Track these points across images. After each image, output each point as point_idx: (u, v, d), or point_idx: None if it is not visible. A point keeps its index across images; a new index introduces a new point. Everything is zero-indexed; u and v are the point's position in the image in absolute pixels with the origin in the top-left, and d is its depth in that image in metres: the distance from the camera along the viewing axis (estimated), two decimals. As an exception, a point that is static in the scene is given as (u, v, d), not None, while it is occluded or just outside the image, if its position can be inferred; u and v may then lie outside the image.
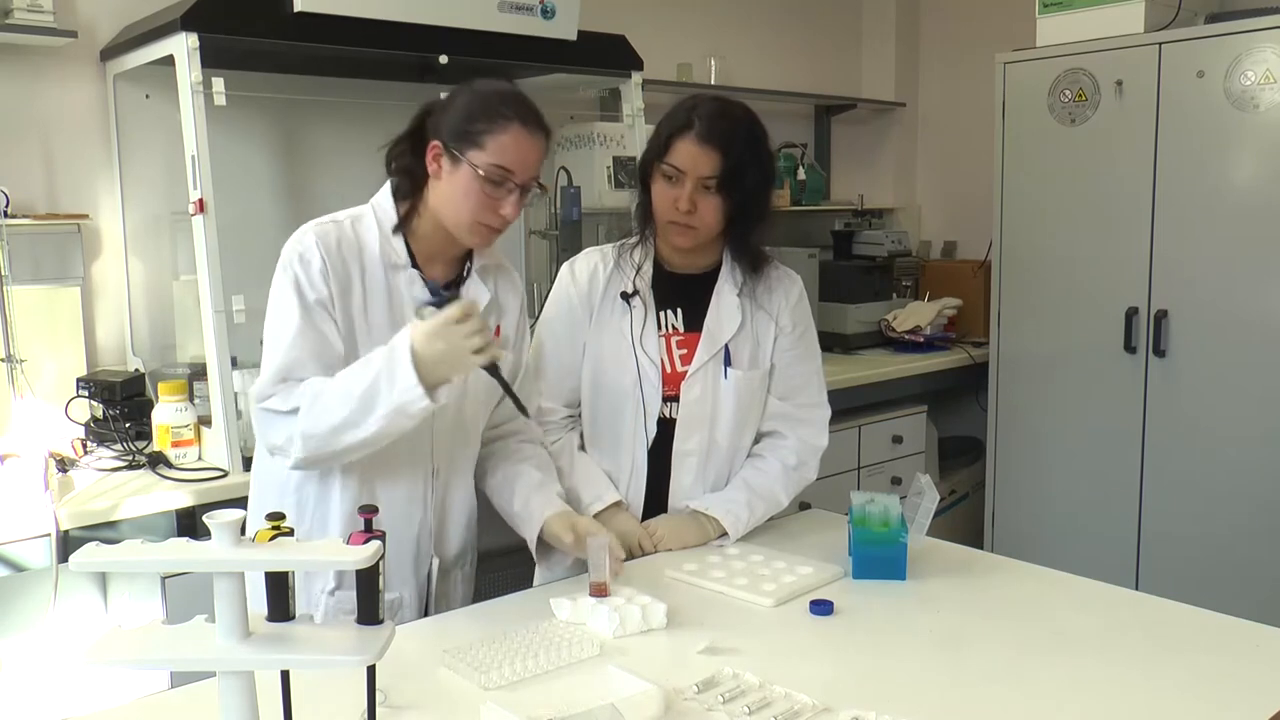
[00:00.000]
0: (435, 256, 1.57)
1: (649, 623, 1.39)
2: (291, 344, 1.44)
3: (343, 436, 1.40)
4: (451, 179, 1.49)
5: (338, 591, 1.55)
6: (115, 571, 2.16)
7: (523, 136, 1.48)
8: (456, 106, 1.50)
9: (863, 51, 4.26)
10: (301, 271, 1.47)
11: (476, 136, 1.46)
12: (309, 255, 1.48)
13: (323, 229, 1.52)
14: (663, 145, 1.65)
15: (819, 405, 1.84)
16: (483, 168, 1.46)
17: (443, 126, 1.49)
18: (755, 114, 1.70)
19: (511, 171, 1.48)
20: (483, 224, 1.50)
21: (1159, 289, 3.01)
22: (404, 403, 1.37)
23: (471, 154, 1.46)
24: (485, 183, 1.46)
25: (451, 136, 1.48)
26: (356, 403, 1.38)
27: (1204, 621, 1.43)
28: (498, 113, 1.47)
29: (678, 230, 1.67)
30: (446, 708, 1.18)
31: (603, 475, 1.75)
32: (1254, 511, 2.87)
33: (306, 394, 1.41)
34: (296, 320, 1.45)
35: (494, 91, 1.51)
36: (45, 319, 2.33)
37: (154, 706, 1.23)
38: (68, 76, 2.43)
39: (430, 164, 1.50)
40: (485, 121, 1.46)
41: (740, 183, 1.64)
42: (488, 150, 1.46)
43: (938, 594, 1.53)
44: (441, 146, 1.49)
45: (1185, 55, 2.91)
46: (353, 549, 0.94)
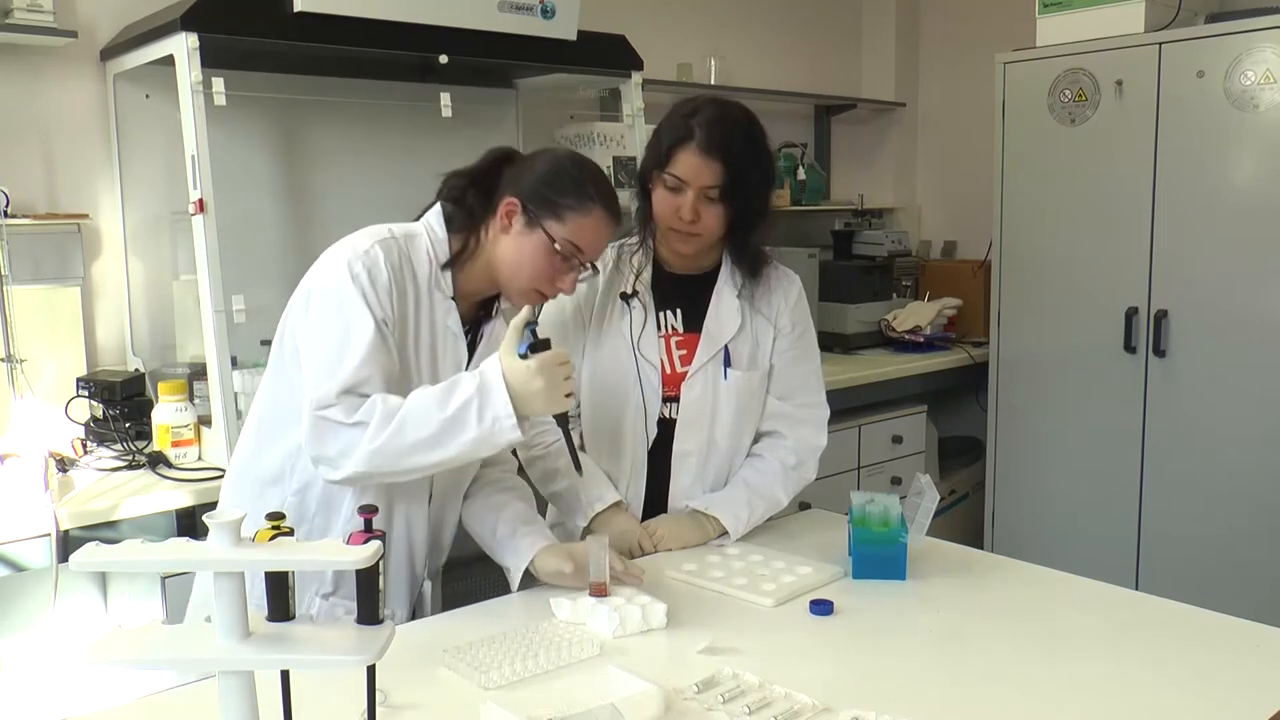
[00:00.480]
0: (472, 294, 1.57)
1: (649, 623, 1.39)
2: (365, 359, 1.40)
3: (415, 457, 1.39)
4: (520, 240, 1.49)
5: (332, 596, 1.54)
6: (115, 571, 2.16)
7: (603, 221, 1.51)
8: (542, 172, 1.50)
9: (863, 51, 4.26)
10: (370, 287, 1.44)
11: (559, 209, 1.48)
12: (377, 272, 1.45)
13: (386, 245, 1.48)
14: (664, 155, 1.64)
15: (818, 405, 1.85)
16: (559, 241, 1.48)
17: (524, 186, 1.49)
18: (754, 116, 1.70)
19: (583, 252, 1.50)
20: (536, 291, 1.51)
21: (1159, 289, 3.01)
22: (494, 431, 1.38)
23: (550, 223, 1.47)
24: (555, 255, 1.48)
25: (532, 200, 1.48)
26: (440, 426, 1.37)
27: (1204, 621, 1.43)
28: (585, 192, 1.49)
29: (680, 238, 1.68)
30: (446, 707, 1.18)
31: (603, 475, 1.75)
32: (1254, 511, 2.87)
33: (377, 411, 1.38)
34: (371, 335, 1.41)
35: (584, 167, 1.53)
36: (45, 319, 2.33)
37: (154, 706, 1.23)
38: (68, 76, 2.43)
39: (501, 217, 1.50)
40: (572, 197, 1.48)
41: (742, 190, 1.64)
42: (567, 225, 1.48)
43: (938, 594, 1.53)
44: (519, 206, 1.49)
45: (1185, 55, 2.91)
46: (353, 549, 0.94)
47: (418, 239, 1.53)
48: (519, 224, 1.49)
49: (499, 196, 1.51)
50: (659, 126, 1.70)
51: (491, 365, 1.41)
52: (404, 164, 2.80)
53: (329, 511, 1.51)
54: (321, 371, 1.41)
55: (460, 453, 1.40)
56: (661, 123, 1.69)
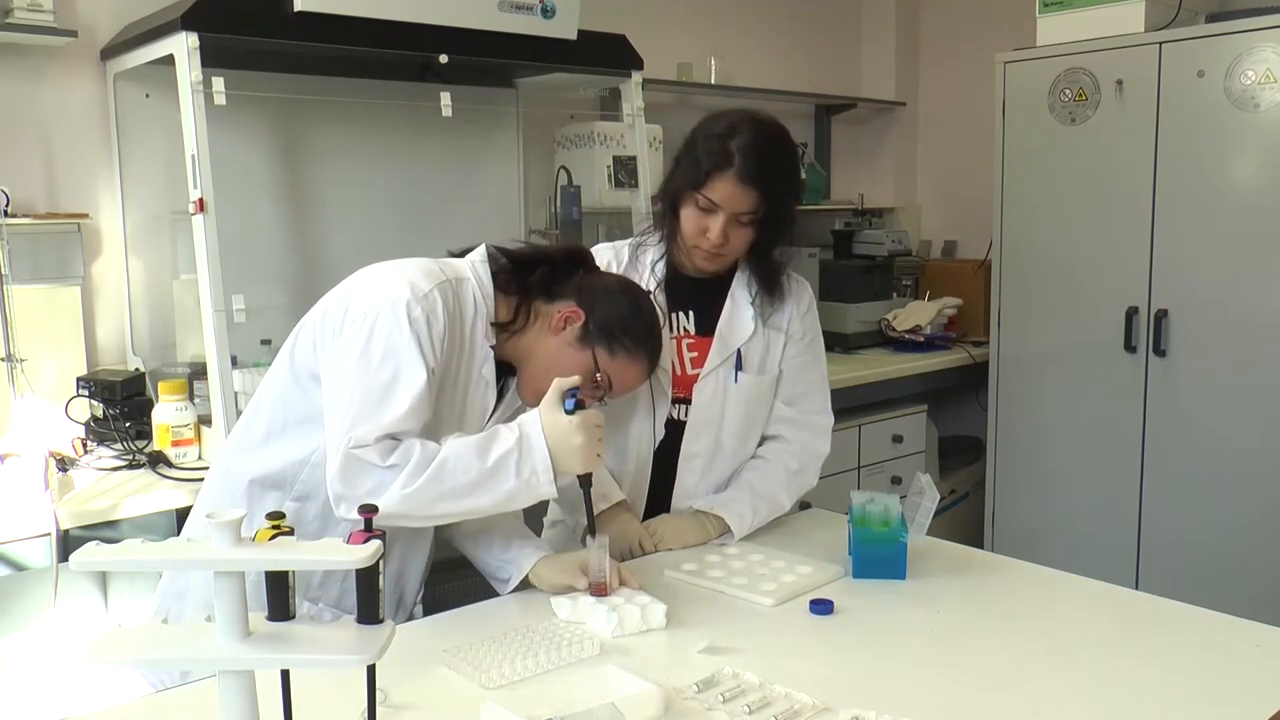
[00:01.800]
0: (499, 354, 1.54)
1: (648, 623, 1.39)
2: (413, 408, 1.38)
3: (447, 504, 1.38)
4: (566, 350, 1.50)
5: (320, 602, 1.53)
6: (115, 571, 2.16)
7: (644, 372, 1.55)
8: (618, 303, 1.52)
9: (863, 51, 4.25)
10: (427, 334, 1.41)
11: (616, 344, 1.50)
12: (435, 320, 1.41)
13: (444, 290, 1.45)
14: (701, 178, 1.61)
15: (823, 412, 1.85)
16: (601, 370, 1.50)
17: (596, 305, 1.51)
18: (790, 140, 1.68)
19: (612, 389, 1.53)
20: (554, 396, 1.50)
21: (1159, 288, 3.01)
22: (531, 484, 1.39)
23: (600, 352, 1.50)
24: (591, 381, 1.49)
25: (597, 322, 1.50)
26: (477, 476, 1.37)
27: (1204, 621, 1.42)
28: (645, 341, 1.52)
29: (705, 256, 1.67)
30: (447, 707, 1.17)
31: (607, 474, 1.74)
32: (1254, 511, 2.87)
33: (414, 456, 1.36)
34: (421, 386, 1.38)
35: (652, 315, 1.56)
36: (45, 318, 2.33)
37: (154, 706, 1.23)
38: (68, 76, 2.43)
39: (559, 319, 1.51)
40: (634, 340, 1.50)
41: (775, 216, 1.63)
42: (615, 362, 1.50)
43: (938, 593, 1.53)
44: (582, 319, 1.50)
45: (1185, 55, 2.91)
46: (353, 548, 0.93)
47: (466, 284, 1.50)
48: (572, 334, 1.50)
49: (561, 293, 1.52)
50: (693, 140, 1.65)
51: (532, 420, 1.41)
52: (404, 163, 2.81)
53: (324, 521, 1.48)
54: (362, 411, 1.37)
55: (495, 503, 1.40)
56: (696, 137, 1.65)
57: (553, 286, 1.53)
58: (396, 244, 2.42)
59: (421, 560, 1.61)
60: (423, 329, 1.40)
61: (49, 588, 1.91)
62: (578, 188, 2.90)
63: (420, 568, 1.62)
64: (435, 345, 1.41)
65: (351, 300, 1.44)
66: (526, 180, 3.08)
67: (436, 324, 1.42)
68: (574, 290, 1.52)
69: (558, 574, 1.50)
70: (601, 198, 2.97)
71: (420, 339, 1.39)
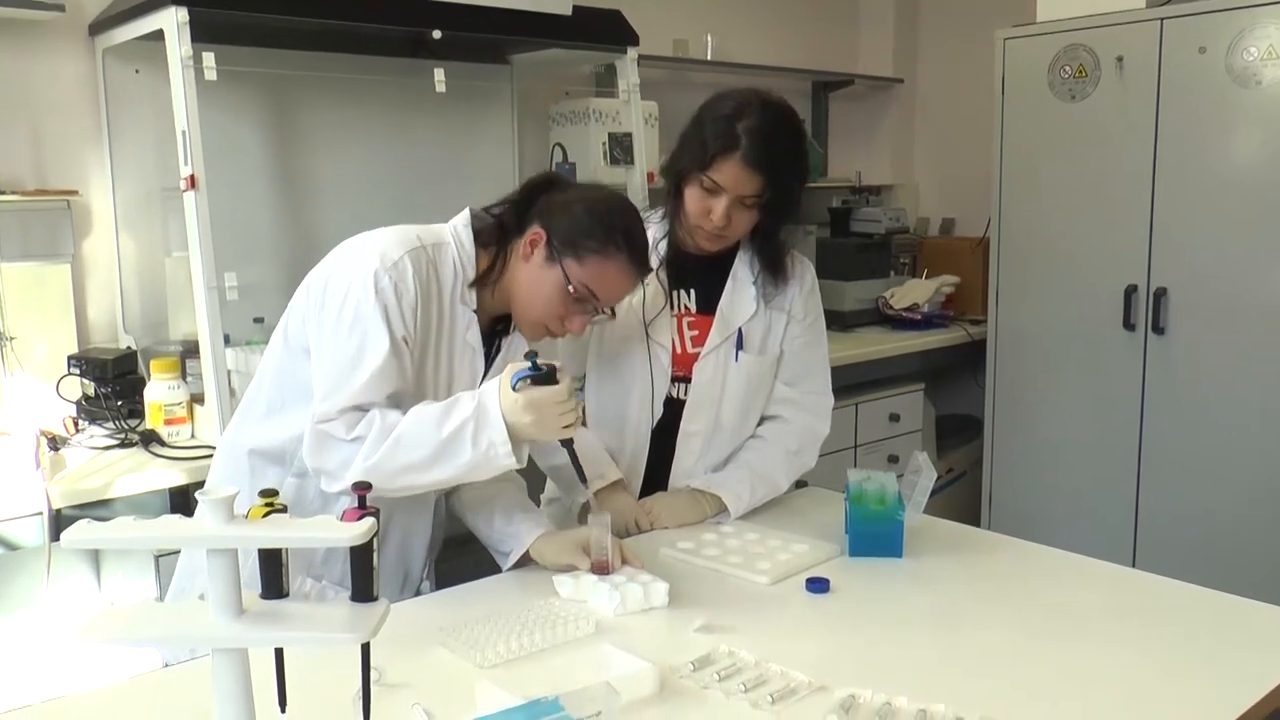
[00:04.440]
0: (492, 310, 1.53)
1: (650, 601, 1.39)
2: (374, 378, 1.37)
3: (410, 477, 1.37)
4: (538, 273, 1.45)
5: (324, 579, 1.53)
6: (107, 549, 2.15)
7: (624, 272, 1.46)
8: (577, 211, 1.45)
9: (860, 27, 4.22)
10: (394, 302, 1.40)
11: (581, 251, 1.43)
12: (404, 287, 1.40)
13: (415, 256, 1.43)
14: (707, 160, 1.59)
15: (823, 393, 1.84)
16: (574, 283, 1.43)
17: (554, 220, 1.45)
18: (799, 122, 1.65)
19: (598, 298, 1.45)
20: (545, 326, 1.47)
21: (1158, 266, 2.99)
22: (489, 457, 1.36)
23: (569, 264, 1.43)
24: (569, 296, 1.44)
25: (558, 234, 1.44)
26: (436, 449, 1.35)
27: (1201, 599, 1.42)
28: (612, 239, 1.43)
29: (707, 237, 1.65)
30: (442, 685, 1.17)
31: (604, 453, 1.74)
32: (1252, 490, 2.87)
33: (375, 427, 1.36)
34: (384, 355, 1.38)
35: (617, 213, 1.47)
36: (35, 296, 2.31)
37: (147, 685, 1.23)
38: (56, 51, 2.40)
39: (526, 244, 1.46)
40: (597, 241, 1.43)
41: (780, 200, 1.61)
42: (586, 269, 1.43)
43: (934, 572, 1.53)
44: (544, 238, 1.45)
45: (1187, 30, 2.88)
46: (347, 525, 0.93)
47: (445, 248, 1.48)
48: (540, 256, 1.45)
49: (529, 221, 1.48)
50: (700, 120, 1.63)
51: (490, 390, 1.38)
52: (397, 140, 2.79)
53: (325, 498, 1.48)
54: (329, 384, 1.38)
55: (456, 475, 1.38)
56: (703, 116, 1.62)
57: (522, 222, 1.49)
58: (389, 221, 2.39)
59: (425, 533, 1.60)
60: (390, 298, 1.39)
61: (41, 567, 1.91)
62: (573, 165, 2.89)
63: (424, 541, 1.61)
64: (405, 313, 1.40)
65: (330, 273, 1.44)
66: (521, 157, 3.07)
67: (407, 292, 1.40)
68: (538, 214, 1.48)
69: (558, 552, 1.50)
70: (597, 175, 2.95)
71: (388, 308, 1.39)
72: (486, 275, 1.50)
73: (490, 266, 1.50)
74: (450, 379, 1.50)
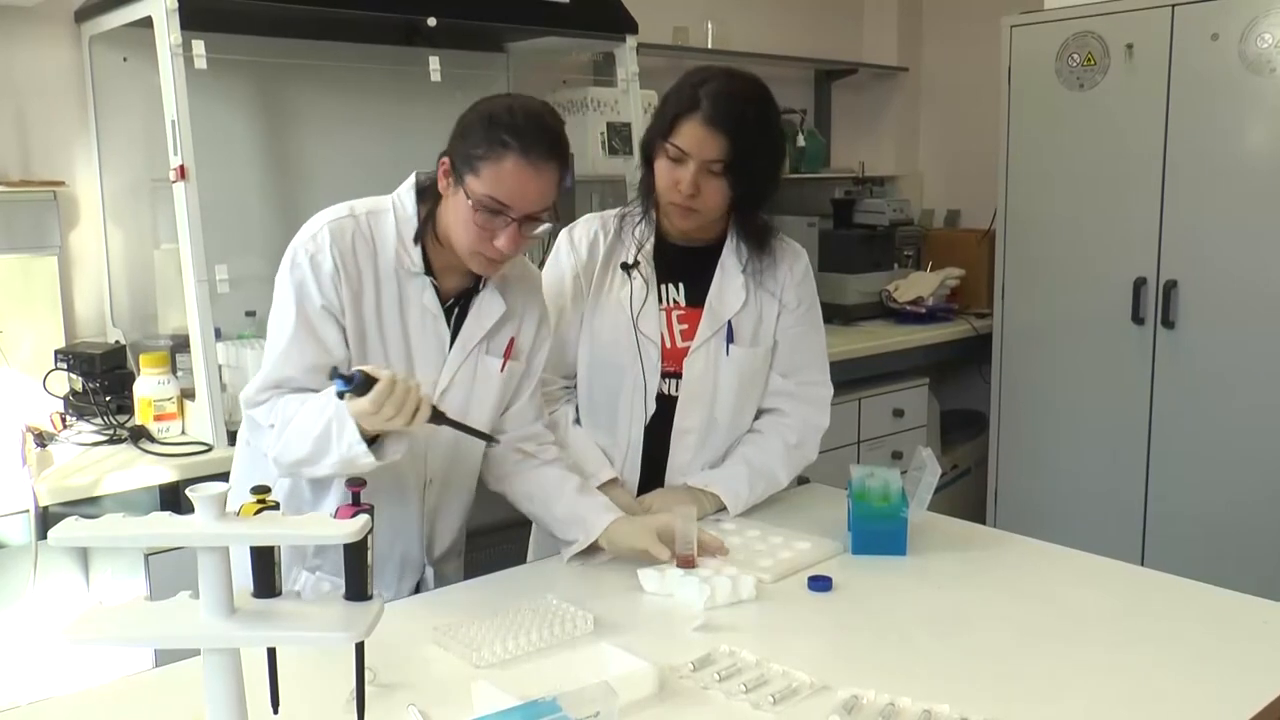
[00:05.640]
0: (452, 268, 1.49)
1: (739, 594, 1.39)
2: (284, 354, 1.39)
3: (305, 470, 1.37)
4: (454, 201, 1.41)
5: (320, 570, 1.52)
6: (96, 547, 2.13)
7: (522, 168, 1.36)
8: (466, 123, 1.40)
9: (864, 15, 4.20)
10: (311, 274, 1.39)
11: (475, 162, 1.37)
12: (321, 258, 1.40)
13: (338, 226, 1.43)
14: (668, 125, 1.59)
15: (821, 384, 1.81)
16: (475, 198, 1.37)
17: (452, 143, 1.41)
18: (767, 91, 1.63)
19: (506, 205, 1.37)
20: (480, 254, 1.42)
21: (1168, 259, 2.96)
22: (351, 457, 1.32)
23: (469, 180, 1.37)
24: (479, 213, 1.37)
25: (457, 155, 1.40)
26: (313, 445, 1.34)
27: (1211, 598, 1.41)
28: (498, 139, 1.35)
29: (679, 211, 1.63)
30: (437, 686, 1.17)
31: (598, 451, 1.72)
32: (1263, 487, 2.84)
33: (279, 418, 1.37)
34: (291, 328, 1.39)
35: (502, 111, 1.38)
36: (21, 289, 2.29)
37: (138, 686, 1.22)
38: (41, 38, 2.37)
39: (440, 179, 1.42)
40: (485, 146, 1.36)
41: (747, 166, 1.58)
42: (483, 179, 1.36)
43: (939, 570, 1.52)
44: (449, 164, 1.41)
45: (1199, 17, 2.84)
46: (340, 523, 0.92)
47: (384, 215, 1.47)
48: (450, 184, 1.41)
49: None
50: (666, 95, 1.64)
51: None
52: (391, 130, 2.76)
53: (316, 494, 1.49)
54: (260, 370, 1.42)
55: (337, 470, 1.35)
56: (669, 91, 1.64)
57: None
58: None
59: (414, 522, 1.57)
60: (306, 272, 1.40)
61: (28, 566, 1.88)
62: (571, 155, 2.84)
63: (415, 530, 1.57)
64: (323, 283, 1.40)
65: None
66: (518, 148, 3.03)
67: (325, 262, 1.40)
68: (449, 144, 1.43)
69: (635, 536, 1.49)
70: (595, 165, 2.94)
71: (302, 282, 1.39)
72: (426, 230, 1.46)
73: (426, 218, 1.46)
74: (409, 348, 1.48)
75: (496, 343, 1.54)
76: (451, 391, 1.51)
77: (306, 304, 1.40)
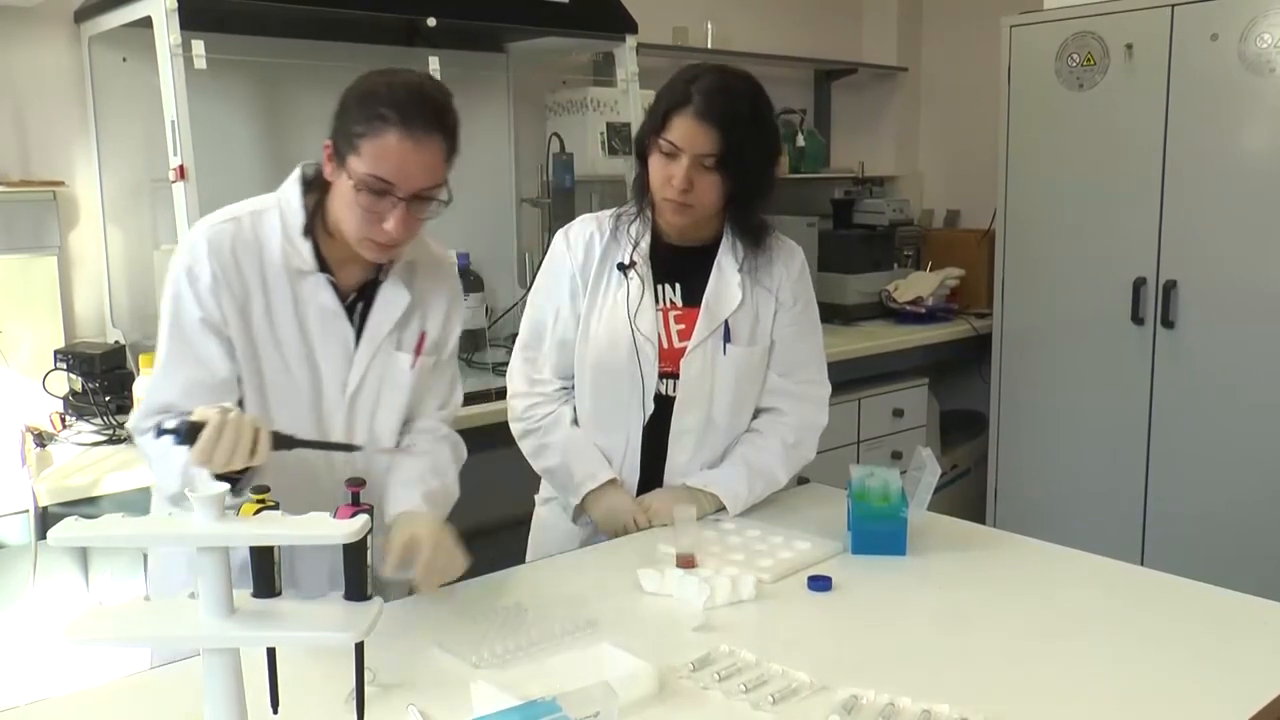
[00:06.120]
0: (350, 260, 1.41)
1: (739, 594, 1.38)
2: (161, 377, 1.33)
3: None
4: (339, 186, 1.33)
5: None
6: (95, 547, 2.13)
7: (402, 142, 1.28)
8: (344, 104, 1.32)
9: (863, 14, 4.19)
10: (188, 288, 1.33)
11: (355, 140, 1.29)
12: (198, 269, 1.33)
13: (216, 233, 1.36)
14: (660, 120, 1.59)
15: (819, 382, 1.80)
16: (356, 178, 1.29)
17: (332, 126, 1.33)
18: (759, 86, 1.63)
19: (390, 183, 1.29)
20: (369, 239, 1.34)
21: (1168, 259, 2.96)
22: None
23: (351, 160, 1.30)
24: (363, 194, 1.30)
25: (338, 136, 1.32)
26: (179, 485, 1.28)
27: (1211, 598, 1.40)
28: (375, 114, 1.28)
29: (674, 208, 1.62)
30: (437, 686, 1.16)
31: (597, 452, 1.71)
32: (1264, 487, 2.83)
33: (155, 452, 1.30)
34: (165, 350, 1.34)
35: (380, 85, 1.31)
36: (20, 289, 2.29)
37: (137, 686, 1.21)
38: (41, 38, 2.37)
39: (325, 165, 1.35)
40: (363, 123, 1.28)
41: (740, 161, 1.58)
42: (364, 158, 1.28)
43: (938, 570, 1.51)
44: (331, 147, 1.33)
45: (1198, 17, 2.84)
46: (340, 523, 0.92)
47: (267, 214, 1.39)
48: (334, 168, 1.33)
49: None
50: (659, 91, 1.64)
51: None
52: (392, 130, 2.74)
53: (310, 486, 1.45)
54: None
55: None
56: (662, 88, 1.64)
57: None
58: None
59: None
60: (182, 286, 1.34)
61: (28, 566, 1.88)
62: (570, 155, 2.85)
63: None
64: (202, 295, 1.34)
65: None
66: (517, 148, 3.05)
67: (202, 273, 1.34)
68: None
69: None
70: (595, 165, 2.93)
71: (179, 297, 1.34)
72: (316, 223, 1.39)
73: (315, 210, 1.39)
74: (311, 351, 1.41)
75: (407, 336, 1.48)
76: (361, 393, 1.45)
77: (183, 321, 1.34)
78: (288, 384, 1.39)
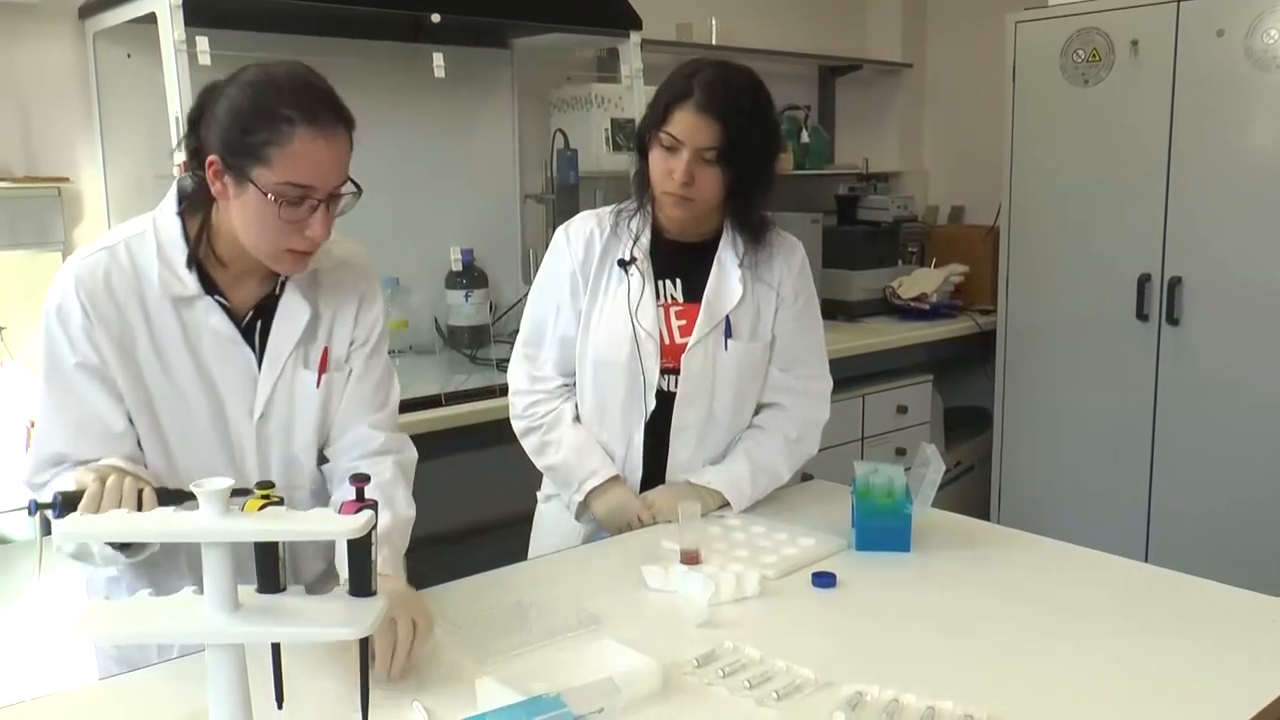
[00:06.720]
0: (244, 276, 1.33)
1: (743, 590, 1.38)
2: (46, 427, 1.27)
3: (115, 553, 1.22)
4: (241, 202, 1.23)
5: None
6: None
7: (315, 141, 1.20)
8: (225, 110, 1.21)
9: (868, 11, 4.18)
10: (59, 329, 1.25)
11: (259, 149, 1.19)
12: (68, 307, 1.25)
13: (86, 266, 1.27)
14: (661, 114, 1.59)
15: (821, 377, 1.80)
16: (272, 190, 1.20)
17: (214, 135, 1.22)
18: (759, 80, 1.63)
19: (310, 187, 1.22)
20: (289, 250, 1.26)
21: (1173, 255, 2.95)
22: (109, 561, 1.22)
23: (257, 172, 1.20)
24: (281, 206, 1.21)
25: (229, 150, 1.21)
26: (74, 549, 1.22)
27: (1216, 595, 1.40)
28: (277, 115, 1.18)
29: (674, 201, 1.62)
30: (441, 682, 1.16)
31: (599, 449, 1.71)
32: (1269, 483, 2.83)
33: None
34: (44, 398, 1.28)
35: (268, 85, 1.21)
36: (25, 285, 2.29)
37: (142, 682, 1.21)
38: (45, 35, 2.37)
39: (213, 183, 1.23)
40: (265, 129, 1.19)
41: (741, 154, 1.58)
42: (275, 166, 1.19)
43: (942, 566, 1.51)
44: (220, 163, 1.22)
45: (1204, 12, 2.83)
46: (344, 518, 0.92)
47: (143, 239, 1.30)
48: (231, 185, 1.23)
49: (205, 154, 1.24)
50: (660, 86, 1.64)
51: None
52: (395, 127, 2.75)
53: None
54: None
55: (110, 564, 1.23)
56: (662, 83, 1.64)
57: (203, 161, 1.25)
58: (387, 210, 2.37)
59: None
60: (53, 329, 1.27)
61: (33, 561, 1.87)
62: (574, 151, 2.85)
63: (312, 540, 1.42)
64: (75, 337, 1.26)
65: None
66: (522, 144, 3.04)
67: (73, 312, 1.25)
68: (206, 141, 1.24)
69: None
70: (599, 161, 2.93)
71: (52, 341, 1.27)
72: (200, 245, 1.29)
73: (200, 230, 1.29)
74: (209, 380, 1.33)
75: (314, 351, 1.39)
76: (271, 418, 1.36)
77: (60, 365, 1.26)
78: (186, 418, 1.32)
